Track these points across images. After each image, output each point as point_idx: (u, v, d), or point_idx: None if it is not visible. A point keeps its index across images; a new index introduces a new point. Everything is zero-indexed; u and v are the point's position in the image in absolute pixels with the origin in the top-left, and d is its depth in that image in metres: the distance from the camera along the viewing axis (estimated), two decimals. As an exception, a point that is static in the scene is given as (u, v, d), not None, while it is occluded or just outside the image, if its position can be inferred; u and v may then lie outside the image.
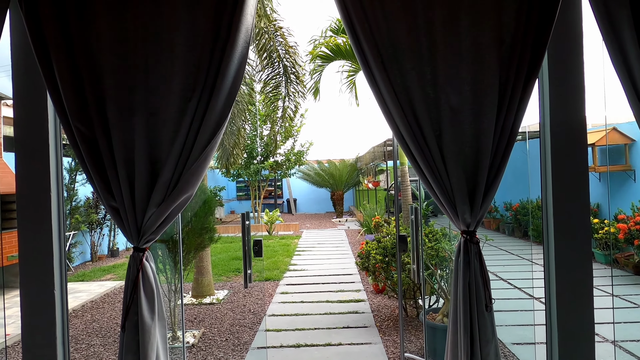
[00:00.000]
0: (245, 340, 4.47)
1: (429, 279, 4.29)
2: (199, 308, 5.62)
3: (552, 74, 1.93)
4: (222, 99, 1.76)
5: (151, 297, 1.78)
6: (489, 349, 1.78)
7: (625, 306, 4.84)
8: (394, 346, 4.17)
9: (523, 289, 5.58)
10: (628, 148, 6.78)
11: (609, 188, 7.18)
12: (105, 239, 8.88)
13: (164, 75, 1.74)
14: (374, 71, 1.78)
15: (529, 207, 8.38)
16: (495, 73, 1.75)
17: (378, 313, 5.19)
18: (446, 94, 1.77)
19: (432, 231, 4.63)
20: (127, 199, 1.74)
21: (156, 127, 1.75)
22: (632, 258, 5.94)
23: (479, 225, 1.83)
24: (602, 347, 3.83)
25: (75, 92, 1.73)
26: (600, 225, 6.41)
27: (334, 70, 21.65)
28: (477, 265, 1.80)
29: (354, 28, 1.78)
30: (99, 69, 1.74)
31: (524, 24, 1.73)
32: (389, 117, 1.82)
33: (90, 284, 6.82)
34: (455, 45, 1.75)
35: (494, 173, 1.78)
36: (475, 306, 1.78)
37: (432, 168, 1.78)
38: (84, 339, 4.61)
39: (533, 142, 7.15)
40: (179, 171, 1.75)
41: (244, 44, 1.77)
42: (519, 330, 4.33)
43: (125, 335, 1.75)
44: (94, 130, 1.75)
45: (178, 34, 1.73)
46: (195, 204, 4.86)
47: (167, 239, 4.44)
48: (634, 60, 1.74)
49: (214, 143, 1.78)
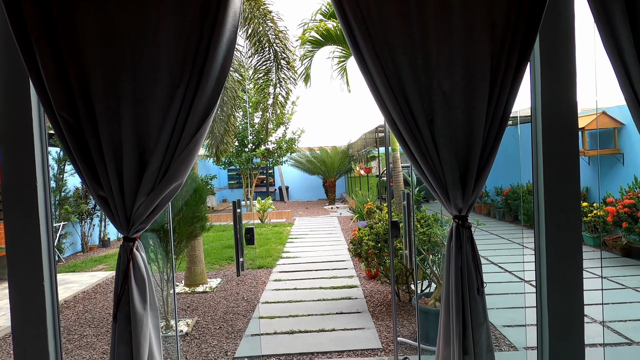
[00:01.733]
0: (238, 327, 4.49)
1: (421, 264, 4.33)
2: (192, 297, 5.63)
3: (544, 58, 1.92)
4: (211, 85, 1.72)
5: (142, 287, 1.77)
6: (481, 331, 1.80)
7: (613, 287, 4.94)
8: (387, 331, 4.21)
9: (514, 272, 5.65)
10: (617, 132, 6.84)
11: (599, 171, 7.26)
12: (96, 229, 8.82)
13: (151, 62, 1.70)
14: (366, 57, 1.75)
15: (520, 191, 8.45)
16: (487, 58, 1.73)
17: (371, 298, 5.24)
18: (438, 78, 1.75)
19: (424, 217, 4.65)
20: (116, 189, 1.71)
21: (144, 115, 1.71)
22: (620, 240, 6.04)
23: (471, 210, 1.83)
24: (591, 328, 3.91)
25: (59, 79, 1.68)
26: (589, 208, 6.50)
27: (325, 56, 21.47)
28: (469, 249, 1.81)
29: (345, 13, 1.75)
30: (83, 55, 1.69)
31: (516, 8, 1.72)
32: (380, 103, 1.80)
33: (82, 274, 6.78)
34: (447, 30, 1.73)
35: (486, 158, 1.78)
36: (467, 290, 1.79)
37: (424, 153, 1.77)
38: (77, 330, 4.60)
39: (524, 126, 7.17)
40: (168, 159, 1.72)
41: (232, 28, 1.73)
42: (510, 313, 4.40)
43: (117, 325, 1.74)
44: (79, 119, 1.70)
45: (165, 19, 1.69)
46: (186, 193, 4.82)
47: (158, 228, 4.41)
48: (625, 43, 1.74)
49: (204, 130, 1.75)
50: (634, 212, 5.77)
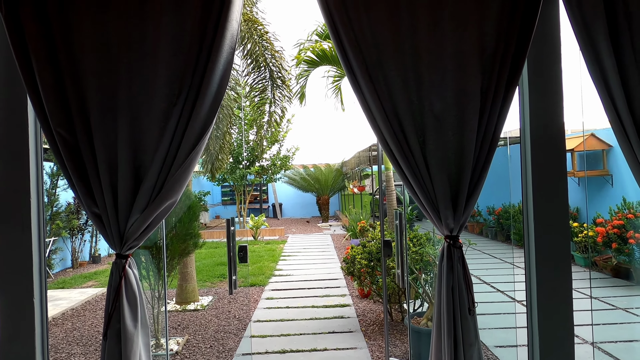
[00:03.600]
0: (230, 346, 4.43)
1: (413, 283, 4.32)
2: (183, 315, 5.55)
3: (532, 81, 1.98)
4: (207, 105, 1.75)
5: (134, 305, 1.76)
6: (472, 352, 1.80)
7: (603, 308, 4.95)
8: (379, 350, 4.18)
9: (505, 292, 5.65)
10: (605, 154, 6.96)
11: (587, 193, 7.34)
12: (86, 245, 8.71)
13: (148, 80, 1.73)
14: (358, 77, 1.80)
15: (511, 211, 8.51)
16: (477, 80, 1.78)
17: (363, 318, 5.20)
18: (430, 100, 1.79)
19: (416, 236, 4.67)
20: (110, 205, 1.72)
21: (140, 132, 1.73)
22: (610, 261, 6.08)
23: (462, 230, 1.86)
24: (581, 349, 3.91)
25: (57, 95, 1.71)
26: (579, 228, 6.55)
27: (320, 75, 21.70)
28: (460, 269, 1.82)
29: (338, 33, 1.80)
30: (81, 71, 1.72)
31: (505, 34, 1.78)
32: (373, 123, 1.84)
33: (71, 291, 6.67)
34: (439, 53, 1.78)
35: (477, 178, 1.81)
36: (459, 310, 1.80)
37: (416, 174, 1.80)
38: (64, 348, 4.50)
39: (514, 147, 7.28)
40: (163, 177, 1.74)
41: (229, 50, 1.77)
42: (502, 333, 4.39)
43: (107, 343, 1.72)
44: (75, 134, 1.72)
45: (163, 38, 1.72)
46: (179, 210, 4.81)
47: (150, 245, 4.38)
48: (609, 68, 1.80)
49: (199, 148, 1.77)
50: (623, 232, 5.83)
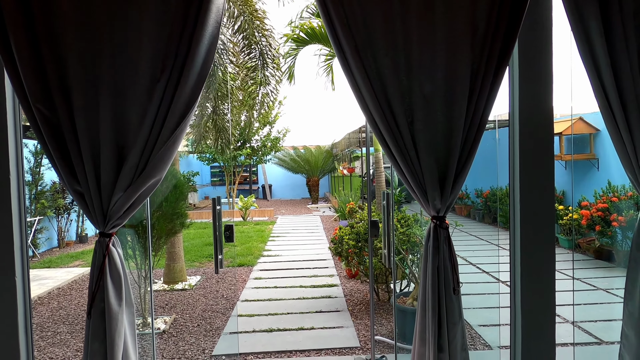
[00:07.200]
0: (217, 325, 4.46)
1: (400, 263, 4.37)
2: (171, 294, 5.56)
3: (522, 64, 1.96)
4: (192, 81, 1.71)
5: (118, 283, 1.74)
6: (456, 330, 1.83)
7: (585, 289, 5.08)
8: (366, 329, 4.24)
9: (490, 272, 5.76)
10: (593, 137, 7.03)
11: (573, 176, 7.44)
12: (73, 225, 8.63)
13: (131, 55, 1.67)
14: (348, 57, 1.76)
15: (498, 194, 8.61)
16: (467, 61, 1.76)
17: (350, 297, 5.26)
18: (419, 80, 1.77)
19: (404, 217, 4.70)
20: (92, 183, 1.69)
21: (123, 109, 1.69)
22: (594, 243, 6.21)
23: (450, 211, 1.86)
24: (562, 328, 4.02)
25: (36, 71, 1.65)
26: (564, 211, 6.66)
27: (311, 55, 21.45)
28: (446, 250, 1.84)
29: (329, 13, 1.76)
30: (61, 46, 1.66)
31: (496, 14, 1.75)
32: (362, 103, 1.81)
33: (57, 270, 6.63)
34: (430, 33, 1.75)
35: (464, 160, 1.81)
36: (444, 289, 1.82)
37: (404, 154, 1.79)
38: (50, 327, 4.50)
39: (503, 130, 7.30)
40: (146, 154, 1.70)
41: (214, 24, 1.72)
42: (486, 313, 4.49)
43: (92, 322, 1.71)
44: (56, 111, 1.67)
45: (146, 12, 1.66)
46: (166, 189, 4.76)
47: (136, 224, 4.34)
48: (599, 50, 1.79)
49: (184, 125, 1.73)
50: (607, 215, 5.94)
